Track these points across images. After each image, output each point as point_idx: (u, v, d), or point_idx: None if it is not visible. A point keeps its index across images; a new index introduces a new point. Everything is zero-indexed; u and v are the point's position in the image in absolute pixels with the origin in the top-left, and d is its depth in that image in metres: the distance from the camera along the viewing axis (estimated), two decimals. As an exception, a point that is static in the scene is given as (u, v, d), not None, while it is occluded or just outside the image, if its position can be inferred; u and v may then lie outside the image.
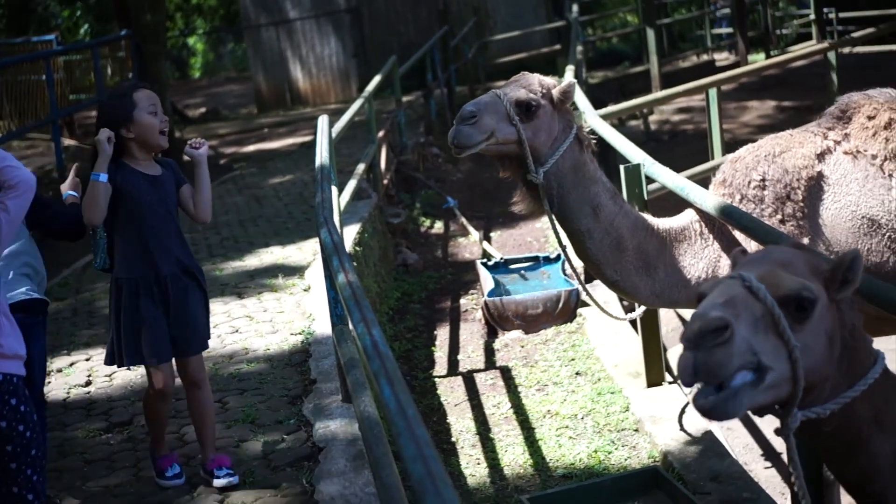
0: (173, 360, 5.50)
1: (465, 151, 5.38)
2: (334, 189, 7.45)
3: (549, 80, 5.47)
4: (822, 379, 2.64)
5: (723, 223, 5.33)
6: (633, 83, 20.13)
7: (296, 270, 9.44)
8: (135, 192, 5.37)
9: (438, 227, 13.54)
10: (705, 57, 25.21)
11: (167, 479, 5.66)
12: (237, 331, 8.05)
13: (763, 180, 5.39)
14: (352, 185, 9.70)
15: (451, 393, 8.30)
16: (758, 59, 22.50)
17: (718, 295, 2.62)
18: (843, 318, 2.68)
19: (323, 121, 7.84)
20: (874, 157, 5.43)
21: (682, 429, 6.74)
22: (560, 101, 5.39)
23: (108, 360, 5.56)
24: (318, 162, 6.95)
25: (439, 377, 8.70)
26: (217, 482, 5.51)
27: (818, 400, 2.67)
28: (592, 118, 8.54)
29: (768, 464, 6.74)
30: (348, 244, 8.86)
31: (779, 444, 6.87)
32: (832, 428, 2.70)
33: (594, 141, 5.62)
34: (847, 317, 2.69)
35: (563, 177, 5.39)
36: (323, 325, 7.54)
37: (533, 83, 5.42)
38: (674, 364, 8.20)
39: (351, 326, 4.08)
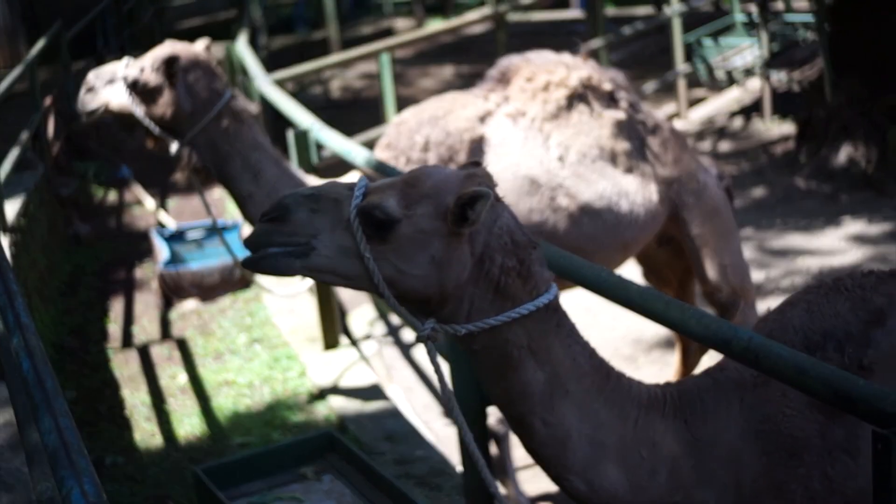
0: None
1: (84, 118, 5.49)
2: (-9, 158, 7.11)
3: (165, 54, 5.36)
4: (429, 297, 2.83)
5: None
6: (314, 49, 20.07)
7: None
8: None
9: (113, 197, 13.14)
10: (385, 23, 25.45)
11: None
12: None
13: (427, 143, 5.47)
14: (14, 154, 9.26)
15: (125, 366, 8.07)
16: (435, 26, 22.89)
17: (316, 187, 2.90)
18: (490, 256, 2.82)
19: (-24, 87, 7.45)
20: (533, 118, 5.59)
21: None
22: (172, 75, 5.33)
23: None
24: (-32, 130, 6.61)
25: (113, 350, 8.45)
26: None
27: (456, 318, 2.85)
28: (263, 84, 8.48)
29: (447, 421, 6.87)
30: (11, 216, 8.44)
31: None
32: (480, 347, 2.88)
33: (252, 108, 5.60)
34: (497, 258, 2.83)
35: (216, 147, 5.39)
36: (-18, 301, 7.17)
37: (153, 58, 5.40)
38: (352, 327, 8.26)
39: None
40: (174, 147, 5.35)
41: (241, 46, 11.61)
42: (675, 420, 2.98)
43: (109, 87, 5.35)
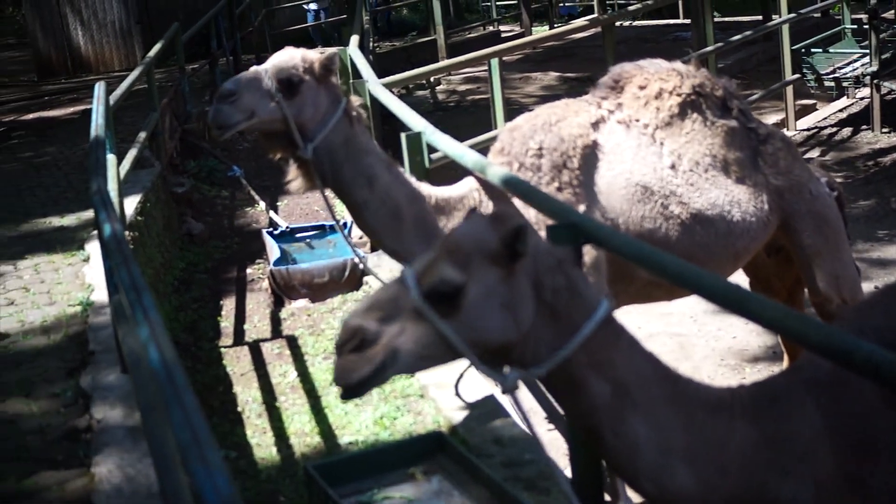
0: None
1: (226, 132, 5.39)
2: (112, 158, 7.27)
3: (312, 55, 5.47)
4: (513, 343, 2.95)
5: (501, 191, 5.41)
6: (421, 53, 20.19)
7: (75, 240, 9.16)
8: None
9: (225, 196, 13.36)
10: (491, 28, 25.50)
11: None
12: (13, 303, 7.79)
13: (540, 149, 5.48)
14: (133, 153, 9.49)
15: (237, 363, 8.23)
16: (542, 31, 22.87)
17: (371, 297, 3.01)
18: (540, 282, 2.95)
19: (99, 88, 7.63)
20: (646, 125, 5.61)
21: (457, 394, 6.85)
22: (322, 74, 5.41)
23: None
24: (92, 130, 6.77)
25: (225, 347, 8.62)
26: None
27: (527, 358, 2.98)
28: (375, 87, 8.56)
29: (551, 427, 6.89)
30: (130, 213, 8.66)
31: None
32: (547, 374, 3.01)
33: (364, 113, 5.66)
34: (547, 280, 2.95)
35: (334, 151, 5.41)
36: (102, 296, 7.36)
37: (295, 58, 5.43)
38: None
39: (122, 295, 4.01)
40: (309, 151, 5.39)
41: (353, 50, 11.72)
42: (744, 420, 3.06)
43: (255, 93, 5.31)
